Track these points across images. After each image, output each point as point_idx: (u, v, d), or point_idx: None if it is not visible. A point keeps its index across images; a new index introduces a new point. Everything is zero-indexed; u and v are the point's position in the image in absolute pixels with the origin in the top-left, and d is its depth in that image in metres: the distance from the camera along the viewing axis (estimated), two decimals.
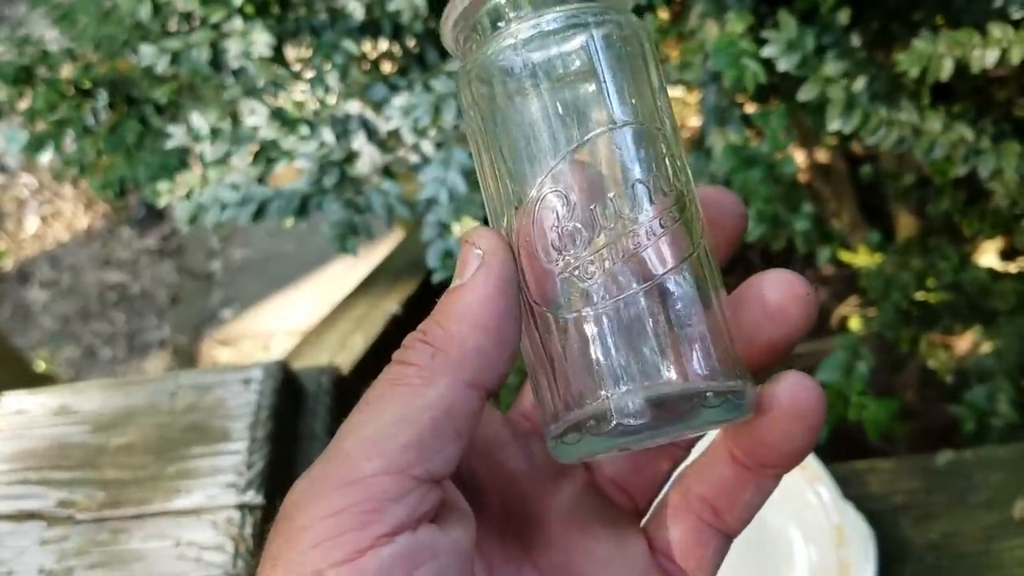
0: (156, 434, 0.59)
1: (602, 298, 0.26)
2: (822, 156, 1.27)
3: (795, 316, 0.27)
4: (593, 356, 0.26)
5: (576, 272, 0.26)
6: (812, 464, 0.60)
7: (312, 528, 0.23)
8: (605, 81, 0.27)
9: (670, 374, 0.26)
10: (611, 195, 0.26)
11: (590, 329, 0.26)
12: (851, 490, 0.61)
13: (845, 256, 1.04)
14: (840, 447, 0.76)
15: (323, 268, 1.62)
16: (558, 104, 0.26)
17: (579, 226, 0.26)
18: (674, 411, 0.26)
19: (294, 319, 1.58)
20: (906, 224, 1.19)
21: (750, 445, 0.27)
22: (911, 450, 1.37)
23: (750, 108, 0.80)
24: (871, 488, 0.62)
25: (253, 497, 0.55)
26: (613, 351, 0.26)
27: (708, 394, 0.26)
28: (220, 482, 0.56)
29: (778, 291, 0.27)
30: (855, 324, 1.04)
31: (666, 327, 0.26)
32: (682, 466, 0.30)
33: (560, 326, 0.26)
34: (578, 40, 0.27)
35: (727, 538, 0.29)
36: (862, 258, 0.96)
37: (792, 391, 0.26)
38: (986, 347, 0.84)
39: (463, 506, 0.26)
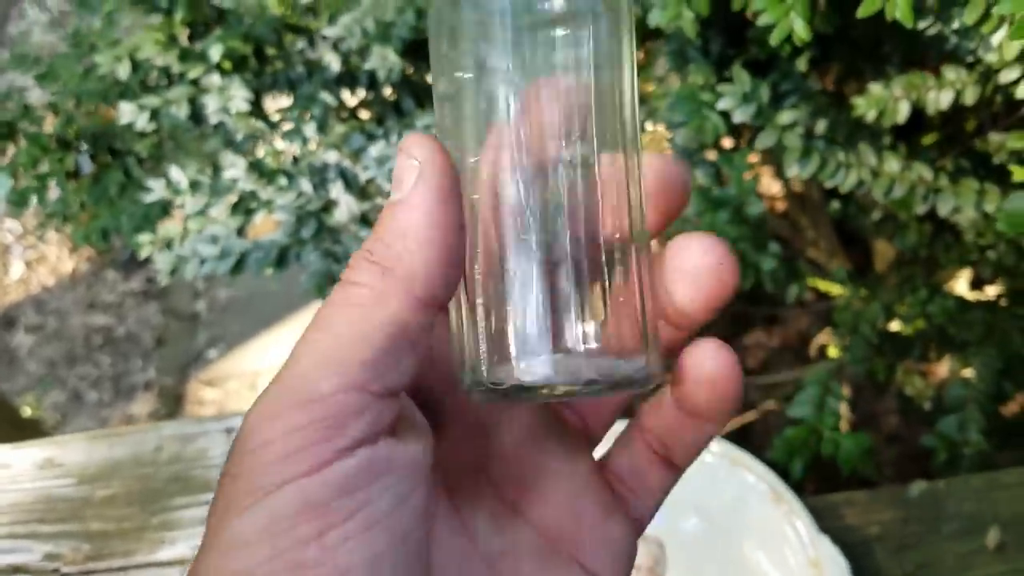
0: (140, 485, 0.60)
1: (515, 250, 0.26)
2: (797, 185, 1.30)
3: (708, 285, 0.27)
4: (497, 310, 0.26)
5: (497, 218, 0.26)
6: (788, 498, 0.62)
7: (274, 443, 0.24)
8: (580, 38, 0.26)
9: (572, 340, 0.26)
10: (548, 141, 0.26)
11: (498, 278, 0.26)
12: (827, 522, 0.62)
13: (822, 285, 1.06)
14: (820, 474, 0.77)
15: (308, 306, 1.63)
16: (526, 46, 0.26)
17: (507, 165, 0.26)
18: (573, 377, 0.26)
19: (280, 358, 1.58)
20: (883, 249, 1.21)
21: (677, 398, 0.28)
22: (896, 471, 1.38)
23: (727, 141, 0.82)
24: (847, 520, 0.63)
25: None
26: (518, 309, 0.26)
27: (606, 368, 0.26)
28: (202, 533, 0.56)
29: (692, 258, 0.27)
30: (833, 352, 1.06)
31: (575, 291, 0.26)
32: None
33: (472, 272, 0.26)
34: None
35: (674, 470, 0.30)
36: (837, 288, 0.97)
37: (701, 359, 0.27)
38: (963, 373, 0.86)
39: (420, 422, 0.27)
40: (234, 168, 0.71)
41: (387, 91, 0.82)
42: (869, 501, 0.63)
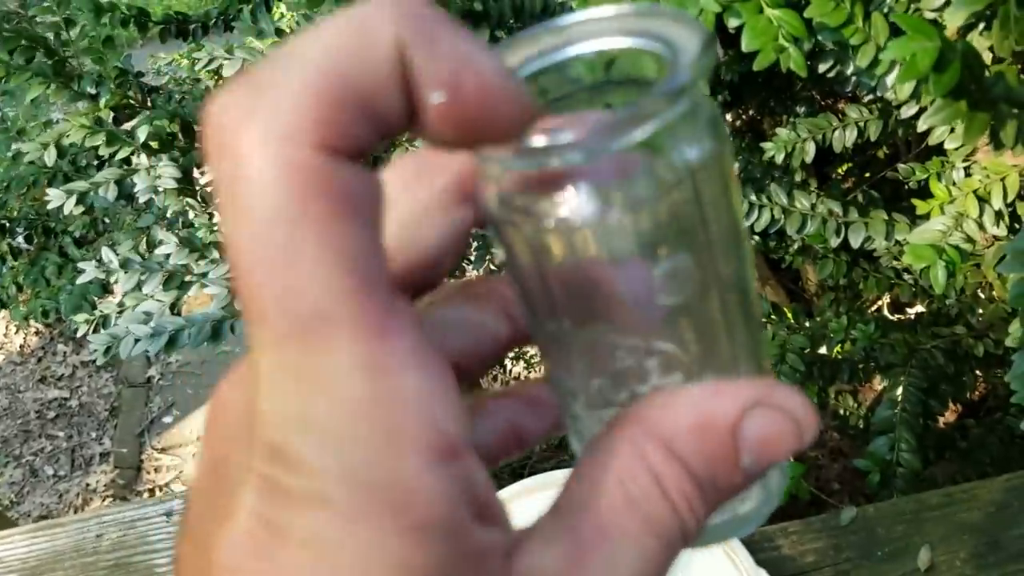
0: (83, 575, 0.60)
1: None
2: None
3: None
4: None
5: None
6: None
7: None
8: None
9: None
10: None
11: None
12: (763, 554, 0.64)
13: None
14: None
15: None
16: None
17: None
18: None
19: None
20: (813, 274, 1.25)
21: None
22: (842, 485, 1.41)
23: None
24: (783, 550, 0.65)
25: None
26: None
27: None
28: None
29: None
30: None
31: None
32: None
33: None
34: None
35: None
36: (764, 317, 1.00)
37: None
38: (896, 392, 0.88)
39: None
40: (166, 244, 0.72)
41: None
42: (803, 529, 0.65)
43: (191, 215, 0.76)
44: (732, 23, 0.63)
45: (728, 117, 0.89)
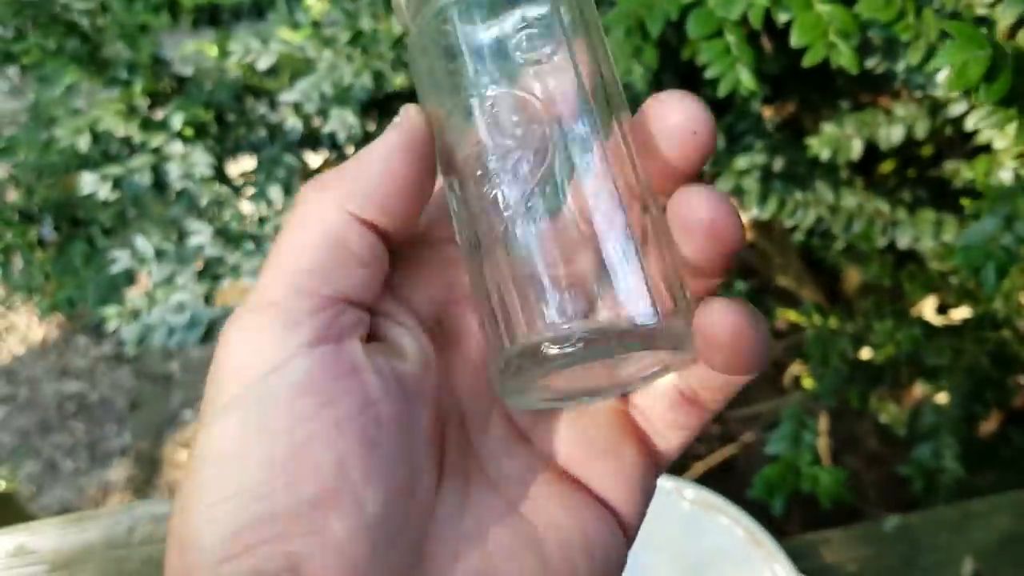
0: (114, 568, 0.59)
1: (514, 215, 0.25)
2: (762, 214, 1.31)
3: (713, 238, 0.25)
4: (510, 285, 0.25)
5: (496, 191, 0.25)
6: (766, 542, 0.62)
7: (236, 348, 0.25)
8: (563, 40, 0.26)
9: (593, 307, 0.24)
10: (533, 117, 0.25)
11: (507, 251, 0.25)
12: (805, 563, 0.62)
13: (792, 316, 1.07)
14: (805, 504, 0.77)
15: None
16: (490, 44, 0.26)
17: (499, 144, 0.25)
18: (605, 350, 0.23)
19: None
20: (852, 274, 1.22)
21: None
22: (879, 493, 1.39)
23: None
24: (825, 559, 0.63)
25: None
26: (532, 277, 0.24)
27: (638, 335, 0.24)
28: None
29: (695, 211, 0.25)
30: (808, 383, 1.06)
31: (588, 250, 0.24)
32: None
33: (484, 251, 0.25)
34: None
35: (700, 409, 0.28)
36: (807, 319, 0.98)
37: (710, 322, 0.25)
38: (937, 397, 0.86)
39: (417, 345, 0.27)
40: (200, 234, 0.71)
41: (349, 150, 0.82)
42: (845, 538, 0.63)
43: (225, 206, 0.74)
44: (781, 18, 0.61)
45: (768, 113, 0.87)
